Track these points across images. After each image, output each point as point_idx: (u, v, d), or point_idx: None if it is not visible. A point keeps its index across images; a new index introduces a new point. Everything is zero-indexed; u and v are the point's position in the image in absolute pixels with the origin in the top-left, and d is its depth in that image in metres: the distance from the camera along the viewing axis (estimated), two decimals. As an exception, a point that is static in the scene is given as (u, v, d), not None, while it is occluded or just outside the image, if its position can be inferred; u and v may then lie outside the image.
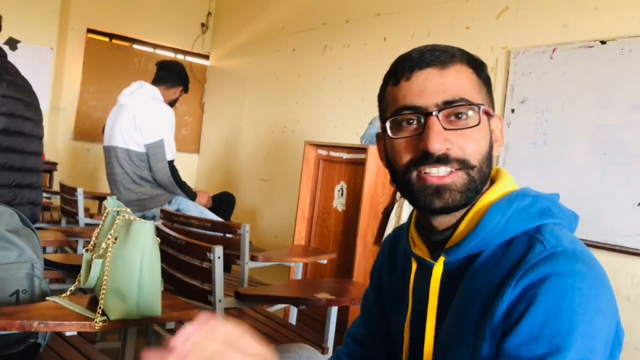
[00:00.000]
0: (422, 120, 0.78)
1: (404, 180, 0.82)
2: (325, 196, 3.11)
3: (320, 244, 3.09)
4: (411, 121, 0.79)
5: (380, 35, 4.14)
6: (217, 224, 2.34)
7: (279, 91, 5.15)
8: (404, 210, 2.74)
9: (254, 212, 5.25)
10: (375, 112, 3.50)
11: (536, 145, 2.99)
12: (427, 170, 0.78)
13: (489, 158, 0.81)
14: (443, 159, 0.77)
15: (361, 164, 2.83)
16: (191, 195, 3.32)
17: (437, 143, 0.76)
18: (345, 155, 2.98)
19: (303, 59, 4.90)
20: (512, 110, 3.07)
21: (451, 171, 0.78)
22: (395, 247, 1.00)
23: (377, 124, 3.15)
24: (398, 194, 2.87)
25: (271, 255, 2.42)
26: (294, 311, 2.55)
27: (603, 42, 2.77)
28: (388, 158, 0.85)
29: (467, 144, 0.78)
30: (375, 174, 2.82)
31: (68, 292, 1.37)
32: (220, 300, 1.68)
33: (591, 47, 2.81)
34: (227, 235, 2.26)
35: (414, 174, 0.80)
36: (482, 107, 0.79)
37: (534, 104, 2.98)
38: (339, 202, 3.01)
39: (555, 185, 2.89)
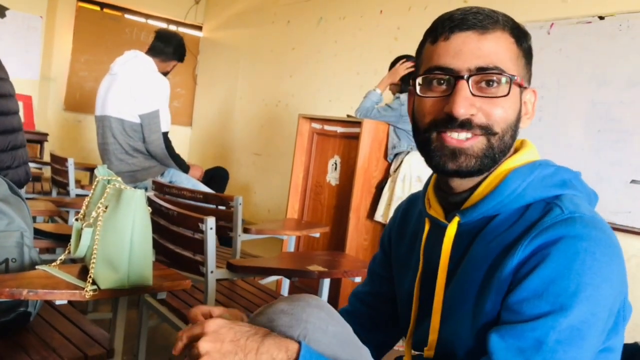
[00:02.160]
0: (452, 82, 0.77)
1: (424, 139, 0.82)
2: (318, 170, 3.09)
3: (313, 218, 3.09)
4: (442, 82, 0.79)
5: (377, 7, 4.08)
6: (210, 196, 2.33)
7: (273, 64, 5.09)
8: (397, 185, 2.74)
9: (246, 187, 5.24)
10: (370, 85, 3.47)
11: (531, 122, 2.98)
12: (449, 133, 0.78)
13: (513, 128, 0.80)
14: (466, 124, 0.77)
15: (355, 138, 2.81)
16: (184, 167, 3.30)
17: (463, 108, 0.76)
18: (339, 129, 2.96)
19: (298, 31, 4.83)
20: (508, 86, 3.05)
21: (472, 136, 0.78)
22: (408, 212, 1.01)
23: (373, 97, 3.11)
24: (392, 169, 2.86)
25: (264, 228, 2.41)
26: (285, 283, 2.56)
27: (601, 18, 2.74)
28: (414, 114, 0.84)
29: (494, 110, 0.78)
30: (370, 148, 2.81)
31: (58, 261, 1.36)
32: (212, 272, 1.67)
33: (589, 22, 2.78)
34: (220, 207, 2.25)
35: (434, 133, 0.80)
36: (515, 79, 0.78)
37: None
38: (332, 176, 3.00)
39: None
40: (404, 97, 2.85)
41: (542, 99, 2.92)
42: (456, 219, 0.83)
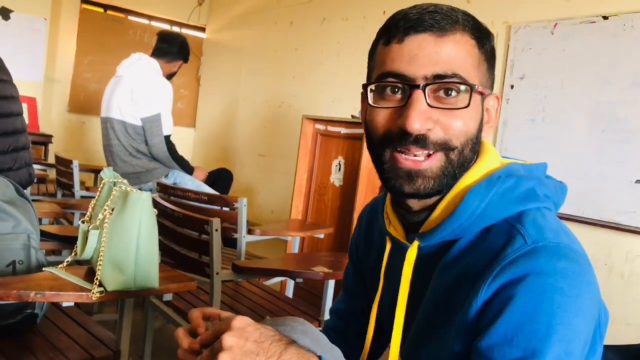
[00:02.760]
0: (407, 91, 0.70)
1: (377, 155, 0.75)
2: (322, 171, 3.09)
3: (317, 219, 3.09)
4: (396, 90, 0.72)
5: (380, 8, 4.08)
6: (214, 197, 2.33)
7: (276, 65, 5.09)
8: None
9: (250, 188, 5.24)
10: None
11: (534, 122, 2.98)
12: (403, 150, 0.72)
13: (474, 141, 0.74)
14: (421, 141, 0.70)
15: (359, 139, 2.81)
16: (188, 169, 3.31)
17: (418, 123, 0.69)
18: (343, 130, 2.96)
19: (301, 32, 4.83)
20: (512, 87, 3.05)
21: (429, 154, 0.71)
22: (372, 221, 0.94)
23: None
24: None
25: (268, 229, 2.42)
26: (290, 285, 2.56)
27: (605, 18, 2.73)
28: (367, 125, 0.76)
29: (453, 123, 0.71)
30: (373, 149, 2.80)
31: (64, 263, 1.37)
32: (217, 273, 1.68)
33: (593, 22, 2.78)
34: (224, 208, 2.26)
35: (387, 151, 0.73)
36: (476, 88, 0.71)
37: (533, 80, 2.96)
38: (336, 177, 3.00)
39: (553, 162, 2.87)
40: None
41: (546, 98, 2.91)
42: (416, 243, 0.77)
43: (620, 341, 0.94)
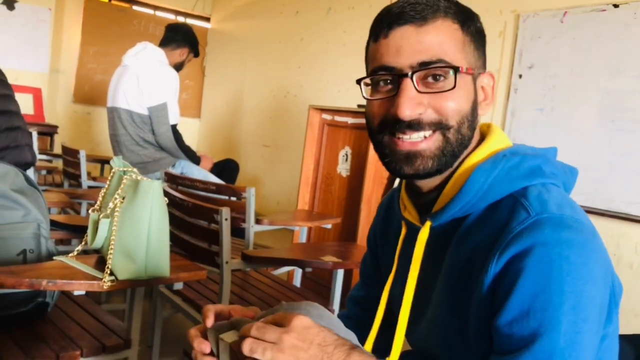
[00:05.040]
0: (397, 81, 0.75)
1: (377, 142, 0.79)
2: (329, 161, 3.09)
3: (323, 209, 3.09)
4: (387, 81, 0.77)
5: (386, -3, 4.05)
6: (222, 187, 2.33)
7: (282, 55, 5.07)
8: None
9: (255, 179, 5.24)
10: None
11: (543, 112, 2.95)
12: (399, 135, 0.76)
13: (470, 119, 0.77)
14: (414, 125, 0.74)
15: (366, 128, 2.79)
16: (195, 159, 3.30)
17: (408, 109, 0.73)
18: (350, 120, 2.95)
19: (306, 21, 4.81)
20: (520, 76, 3.02)
21: (425, 136, 0.75)
22: (390, 210, 0.98)
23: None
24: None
25: (276, 219, 2.41)
26: (298, 274, 2.56)
27: (616, 6, 2.70)
28: (366, 116, 0.82)
29: (444, 104, 0.74)
30: (381, 139, 2.79)
31: (75, 252, 1.37)
32: (227, 262, 1.68)
33: (603, 10, 2.75)
34: (232, 198, 2.25)
35: (386, 136, 0.77)
36: (460, 69, 0.74)
37: (542, 69, 2.93)
38: (343, 168, 2.99)
39: (561, 152, 2.84)
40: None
41: (554, 88, 2.89)
42: (428, 223, 0.80)
43: (628, 332, 0.93)
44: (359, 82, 0.81)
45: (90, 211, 1.37)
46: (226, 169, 3.64)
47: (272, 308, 0.80)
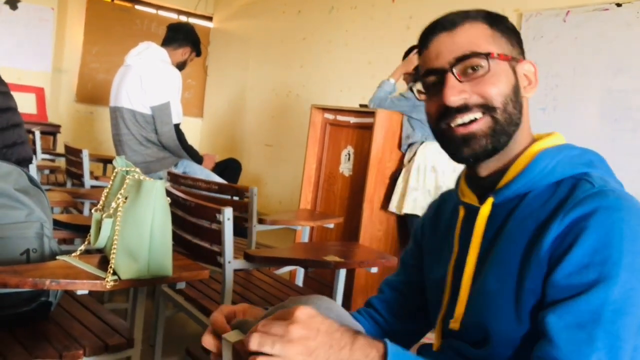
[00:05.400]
0: (441, 78, 0.85)
1: (437, 133, 0.90)
2: (331, 161, 3.08)
3: (326, 209, 3.09)
4: (434, 83, 0.87)
5: (389, -4, 4.05)
6: (225, 187, 2.33)
7: (284, 54, 5.07)
8: (412, 176, 2.73)
9: (257, 178, 5.24)
10: (382, 75, 3.44)
11: (545, 111, 2.95)
12: (452, 123, 0.85)
13: (513, 99, 0.85)
14: (463, 109, 0.83)
15: (369, 128, 2.79)
16: (198, 158, 3.30)
17: (452, 95, 0.83)
18: (352, 120, 2.95)
19: (308, 21, 4.81)
20: (523, 75, 3.02)
21: (475, 119, 0.84)
22: (442, 207, 1.04)
23: (387, 87, 3.08)
24: (406, 159, 2.84)
25: (279, 219, 2.41)
26: (300, 274, 2.56)
27: (619, 5, 2.70)
28: (427, 116, 0.92)
29: (485, 88, 0.83)
30: (383, 138, 2.79)
31: (78, 252, 1.37)
32: (229, 262, 1.68)
33: (606, 10, 2.74)
34: (234, 198, 2.26)
35: (444, 125, 0.87)
36: (492, 54, 0.83)
37: (544, 68, 2.93)
38: (345, 167, 3.00)
39: (564, 151, 2.86)
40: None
41: (557, 87, 2.89)
42: (490, 200, 0.86)
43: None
44: (411, 90, 0.92)
45: (93, 211, 1.37)
46: (228, 168, 3.64)
47: (281, 303, 0.80)
